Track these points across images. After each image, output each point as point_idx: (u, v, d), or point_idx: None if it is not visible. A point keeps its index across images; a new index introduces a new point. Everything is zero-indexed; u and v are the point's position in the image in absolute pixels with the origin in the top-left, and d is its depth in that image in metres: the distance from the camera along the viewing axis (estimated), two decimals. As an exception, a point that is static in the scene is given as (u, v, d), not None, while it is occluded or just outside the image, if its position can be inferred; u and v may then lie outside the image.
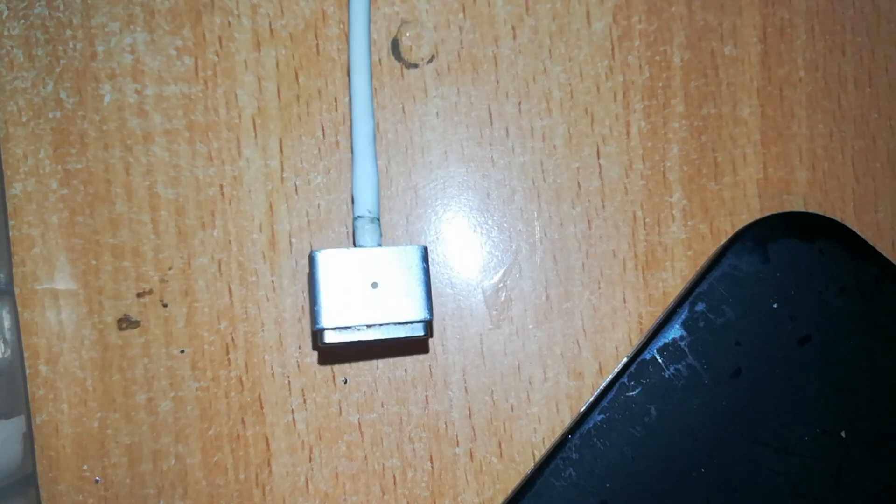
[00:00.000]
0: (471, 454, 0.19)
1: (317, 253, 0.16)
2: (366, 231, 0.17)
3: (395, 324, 0.16)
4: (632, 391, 0.17)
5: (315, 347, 0.19)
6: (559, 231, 0.19)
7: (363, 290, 0.16)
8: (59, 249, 0.19)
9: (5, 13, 0.19)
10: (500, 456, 0.19)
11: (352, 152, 0.18)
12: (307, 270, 0.18)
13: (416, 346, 0.19)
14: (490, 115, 0.19)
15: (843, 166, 0.19)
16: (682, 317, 0.18)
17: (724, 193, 0.19)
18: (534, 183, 0.19)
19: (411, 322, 0.16)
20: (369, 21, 0.18)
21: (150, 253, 0.19)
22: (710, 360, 0.17)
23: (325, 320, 0.16)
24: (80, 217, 0.19)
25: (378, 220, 0.17)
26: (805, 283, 0.18)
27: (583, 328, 0.19)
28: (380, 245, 0.17)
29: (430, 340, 0.19)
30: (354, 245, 0.17)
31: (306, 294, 0.19)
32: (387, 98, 0.19)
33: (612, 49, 0.19)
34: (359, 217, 0.17)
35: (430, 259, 0.19)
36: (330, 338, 0.16)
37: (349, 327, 0.16)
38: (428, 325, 0.17)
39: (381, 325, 0.16)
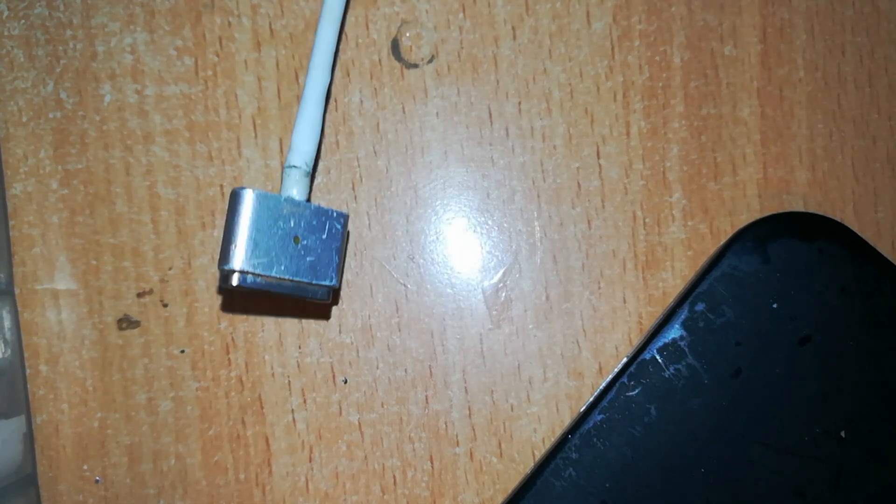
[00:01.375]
0: (471, 454, 0.19)
1: (244, 190, 0.15)
2: (297, 182, 0.16)
3: (304, 283, 0.16)
4: (632, 391, 0.17)
5: (219, 291, 0.18)
6: (559, 231, 0.19)
7: (283, 241, 0.16)
8: (59, 249, 0.19)
9: (5, 13, 0.19)
10: (500, 456, 0.19)
11: (301, 99, 0.17)
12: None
13: (316, 309, 0.19)
14: (490, 115, 0.19)
15: (843, 166, 0.20)
16: (682, 317, 0.18)
17: (723, 193, 0.19)
18: (534, 183, 0.19)
19: (319, 285, 0.16)
20: None
21: (151, 253, 0.19)
22: (710, 360, 0.17)
23: (237, 262, 0.15)
24: (80, 217, 0.19)
25: (311, 174, 0.17)
26: (805, 283, 0.18)
27: (583, 328, 0.19)
28: (308, 201, 0.17)
29: (430, 340, 0.19)
30: (280, 193, 0.16)
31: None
32: (387, 98, 0.19)
33: (612, 49, 0.19)
34: (293, 167, 0.16)
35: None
36: (237, 281, 0.15)
37: (259, 275, 0.15)
38: (332, 291, 0.17)
39: (291, 280, 0.16)
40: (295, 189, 0.16)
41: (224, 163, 0.19)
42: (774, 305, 0.18)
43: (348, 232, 0.16)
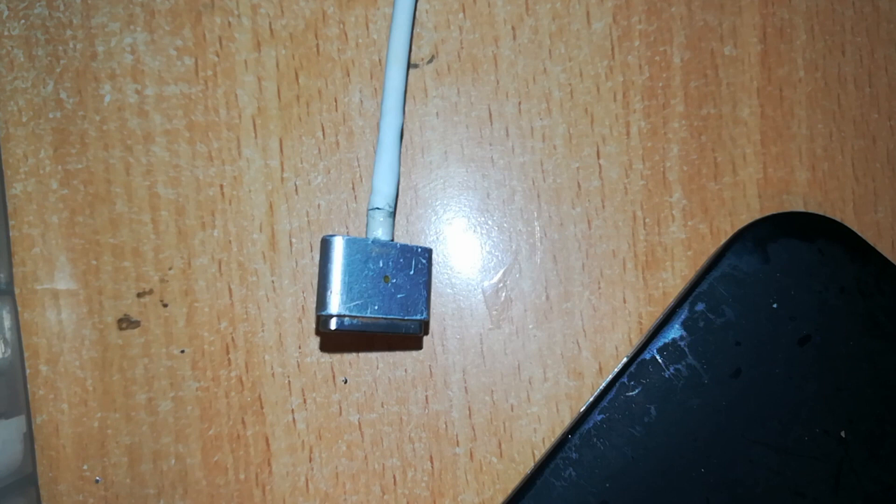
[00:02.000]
0: (471, 454, 0.19)
1: (334, 237, 0.16)
2: (381, 224, 0.17)
3: (397, 319, 0.17)
4: (632, 391, 0.17)
5: (317, 333, 0.19)
6: (559, 231, 0.19)
7: (374, 282, 0.16)
8: (59, 249, 0.19)
9: (5, 13, 0.19)
10: (500, 456, 0.19)
11: (377, 143, 0.18)
12: (318, 257, 0.18)
13: (409, 342, 0.19)
14: (490, 115, 0.19)
15: (843, 166, 0.20)
16: (682, 317, 0.18)
17: (723, 193, 0.19)
18: (534, 183, 0.19)
19: (411, 320, 0.17)
20: (413, 12, 0.18)
21: (151, 253, 0.19)
22: (709, 360, 0.17)
23: (334, 307, 0.16)
24: (80, 217, 0.19)
25: (393, 215, 0.18)
26: (805, 283, 0.18)
27: (583, 328, 0.19)
28: (392, 240, 0.18)
29: (430, 340, 0.19)
30: (367, 236, 0.17)
31: (307, 294, 0.19)
32: (387, 98, 0.19)
33: (612, 49, 0.19)
34: (377, 209, 0.17)
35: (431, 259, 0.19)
36: (335, 325, 0.16)
37: (355, 317, 0.16)
38: (423, 324, 0.18)
39: (384, 318, 0.17)
40: (380, 230, 0.17)
41: (224, 163, 0.19)
42: (774, 305, 0.18)
43: (431, 266, 0.18)
